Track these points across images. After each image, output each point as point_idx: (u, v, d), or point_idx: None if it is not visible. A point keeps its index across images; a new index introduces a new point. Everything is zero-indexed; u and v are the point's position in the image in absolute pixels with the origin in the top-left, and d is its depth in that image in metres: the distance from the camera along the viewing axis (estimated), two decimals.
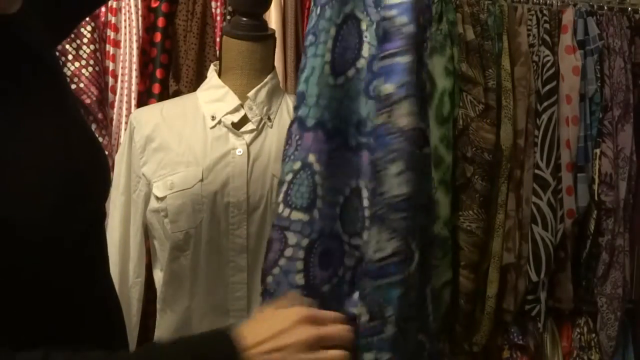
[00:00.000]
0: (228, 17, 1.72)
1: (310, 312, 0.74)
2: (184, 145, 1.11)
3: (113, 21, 1.63)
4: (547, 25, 1.87)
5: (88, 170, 0.78)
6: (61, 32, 0.96)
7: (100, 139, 1.56)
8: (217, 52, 1.58)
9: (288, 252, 0.81)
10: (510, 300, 1.85)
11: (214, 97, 1.14)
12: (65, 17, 0.93)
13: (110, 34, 1.63)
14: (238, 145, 1.11)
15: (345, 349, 0.73)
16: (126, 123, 1.56)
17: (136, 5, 1.63)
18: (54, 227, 0.68)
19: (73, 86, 1.53)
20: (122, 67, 1.63)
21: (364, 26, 0.85)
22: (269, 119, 1.13)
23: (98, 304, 0.79)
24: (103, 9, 1.62)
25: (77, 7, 0.96)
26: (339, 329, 0.74)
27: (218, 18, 1.72)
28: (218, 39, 1.63)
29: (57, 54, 1.42)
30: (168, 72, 1.66)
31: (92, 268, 0.79)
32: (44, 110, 0.74)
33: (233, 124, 1.12)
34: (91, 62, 1.58)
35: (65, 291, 0.72)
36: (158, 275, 1.15)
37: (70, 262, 0.72)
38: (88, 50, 1.58)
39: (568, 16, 1.88)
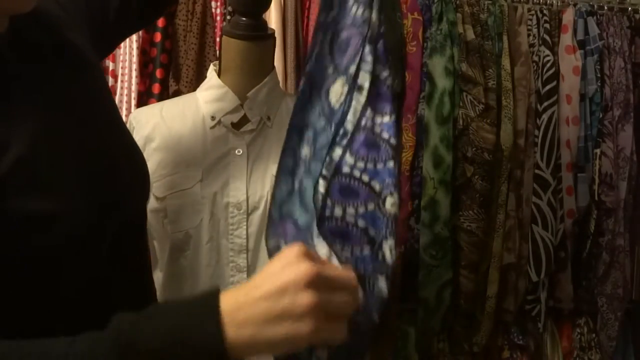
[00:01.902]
0: (228, 17, 1.71)
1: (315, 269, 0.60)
2: (184, 145, 1.11)
3: None
4: (547, 25, 1.86)
5: (124, 167, 0.78)
6: (107, 47, 0.99)
7: None
8: (217, 52, 1.57)
9: None
10: (510, 300, 1.85)
11: (214, 97, 1.14)
12: (112, 34, 0.94)
13: None
14: (238, 145, 1.11)
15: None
16: (126, 123, 1.56)
17: None
18: (91, 225, 0.68)
19: None
20: (122, 67, 1.63)
21: None
22: (268, 118, 1.13)
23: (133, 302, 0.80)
24: None
25: (126, 24, 0.97)
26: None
27: (218, 18, 1.72)
28: (218, 39, 1.63)
29: None
30: (168, 72, 1.65)
31: (130, 269, 0.80)
32: (76, 103, 0.74)
33: (233, 124, 1.11)
34: None
35: (103, 288, 0.72)
36: (158, 276, 1.15)
37: (106, 266, 0.72)
38: None
39: (568, 16, 1.88)
